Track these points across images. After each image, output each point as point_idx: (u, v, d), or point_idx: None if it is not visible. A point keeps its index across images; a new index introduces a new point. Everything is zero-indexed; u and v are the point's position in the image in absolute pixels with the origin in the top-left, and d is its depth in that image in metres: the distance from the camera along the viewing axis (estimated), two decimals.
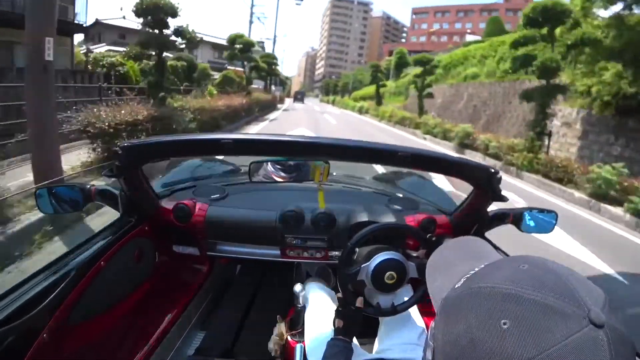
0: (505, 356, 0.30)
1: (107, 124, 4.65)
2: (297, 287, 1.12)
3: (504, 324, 0.31)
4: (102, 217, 1.20)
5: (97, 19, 18.57)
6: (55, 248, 2.67)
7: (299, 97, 37.16)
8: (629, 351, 0.31)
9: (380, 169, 2.20)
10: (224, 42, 18.59)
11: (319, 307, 1.11)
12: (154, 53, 7.60)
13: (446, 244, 0.52)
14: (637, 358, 0.38)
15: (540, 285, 0.32)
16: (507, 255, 0.80)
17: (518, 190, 6.21)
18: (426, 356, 0.40)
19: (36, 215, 2.94)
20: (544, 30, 7.59)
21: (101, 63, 10.24)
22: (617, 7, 6.72)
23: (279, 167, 1.32)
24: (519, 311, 0.31)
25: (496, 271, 0.37)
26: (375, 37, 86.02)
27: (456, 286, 0.39)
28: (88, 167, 4.42)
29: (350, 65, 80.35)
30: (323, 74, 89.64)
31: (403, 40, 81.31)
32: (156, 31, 7.30)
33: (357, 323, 0.93)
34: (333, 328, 0.94)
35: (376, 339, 1.06)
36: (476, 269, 0.39)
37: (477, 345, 0.32)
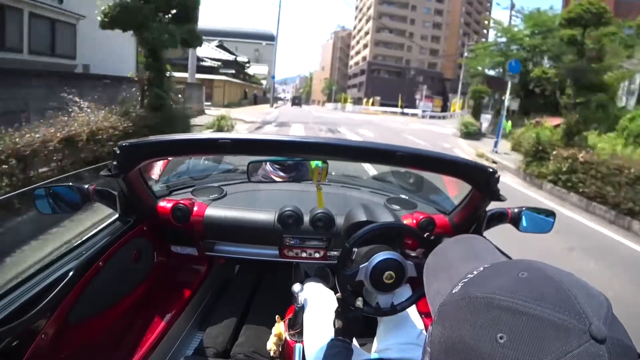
0: None
1: None
2: (296, 287, 1.12)
3: (501, 338, 0.30)
4: (101, 218, 1.20)
5: None
6: (53, 248, 2.66)
7: (297, 101, 44.47)
8: None
9: (379, 168, 2.20)
10: None
11: (318, 307, 1.11)
12: None
13: (444, 244, 0.51)
14: None
15: (539, 297, 0.31)
16: (505, 254, 0.80)
17: None
18: None
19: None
20: None
21: None
22: None
23: (277, 166, 1.32)
24: (517, 325, 0.30)
25: (494, 278, 0.36)
26: (456, 5, 51.03)
27: (453, 291, 0.38)
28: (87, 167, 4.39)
29: (417, 44, 47.88)
30: (368, 58, 51.09)
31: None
32: None
33: (358, 324, 0.93)
34: (333, 329, 0.94)
35: (375, 339, 1.06)
36: (475, 272, 0.38)
37: (471, 357, 0.31)
